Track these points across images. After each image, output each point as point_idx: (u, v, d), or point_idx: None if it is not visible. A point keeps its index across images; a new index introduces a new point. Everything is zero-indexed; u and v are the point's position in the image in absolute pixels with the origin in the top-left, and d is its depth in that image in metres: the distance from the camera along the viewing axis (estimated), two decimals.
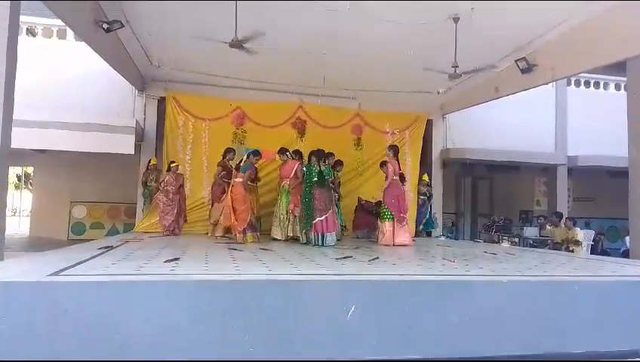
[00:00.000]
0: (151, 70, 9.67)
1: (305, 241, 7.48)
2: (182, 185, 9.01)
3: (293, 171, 8.16)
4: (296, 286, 3.58)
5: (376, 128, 11.22)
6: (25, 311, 3.03)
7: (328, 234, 7.30)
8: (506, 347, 3.62)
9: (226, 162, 8.72)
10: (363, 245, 7.65)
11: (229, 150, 8.87)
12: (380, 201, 8.38)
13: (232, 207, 7.58)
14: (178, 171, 9.00)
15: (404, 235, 7.83)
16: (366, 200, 9.84)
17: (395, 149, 8.31)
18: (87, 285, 3.30)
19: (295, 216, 8.00)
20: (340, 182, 9.44)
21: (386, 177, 8.04)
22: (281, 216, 8.21)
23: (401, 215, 7.85)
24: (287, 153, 8.64)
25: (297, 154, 8.70)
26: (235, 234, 7.55)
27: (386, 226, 7.85)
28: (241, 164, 7.87)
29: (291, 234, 8.08)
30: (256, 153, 8.17)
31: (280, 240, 8.13)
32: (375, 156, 10.77)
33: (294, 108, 10.77)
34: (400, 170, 8.21)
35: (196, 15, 7.05)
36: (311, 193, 7.50)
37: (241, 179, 7.69)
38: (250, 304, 3.32)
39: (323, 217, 7.32)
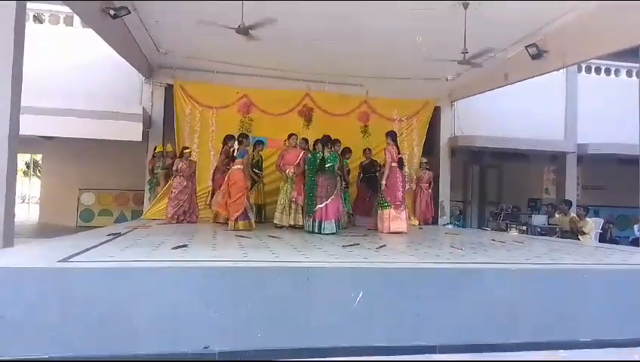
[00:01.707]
0: (158, 57, 9.65)
1: (307, 228, 7.42)
2: (194, 172, 9.01)
3: (298, 159, 8.12)
4: (304, 273, 3.58)
5: (383, 115, 11.17)
6: (35, 296, 3.06)
7: (326, 221, 7.20)
8: (514, 334, 3.62)
9: (229, 149, 8.67)
10: (370, 233, 7.65)
11: (229, 137, 8.76)
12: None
13: (228, 193, 7.48)
14: (191, 158, 9.01)
15: (400, 223, 7.74)
16: (365, 161, 9.86)
17: (392, 135, 8.22)
18: (96, 271, 3.32)
19: (298, 205, 7.98)
20: (349, 169, 9.40)
21: (385, 164, 7.99)
22: (285, 203, 8.19)
23: (398, 202, 7.78)
24: (296, 139, 8.55)
25: (304, 141, 8.65)
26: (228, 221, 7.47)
27: (385, 214, 7.81)
28: (235, 153, 7.75)
29: (293, 223, 8.04)
30: (245, 136, 8.08)
31: (283, 226, 8.10)
32: (382, 144, 10.64)
33: (301, 96, 10.72)
34: (399, 154, 8.11)
35: (203, 2, 7.00)
36: (313, 180, 7.46)
37: (240, 166, 7.53)
38: (258, 290, 3.33)
39: (323, 204, 7.25)
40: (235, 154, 7.73)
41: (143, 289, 3.21)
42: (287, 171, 8.17)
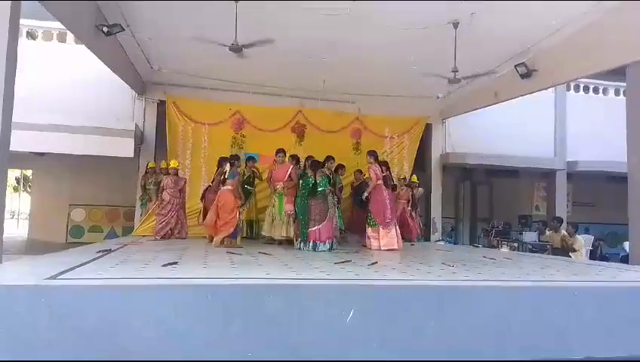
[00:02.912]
0: (151, 74, 9.68)
1: (299, 247, 7.39)
2: (182, 189, 8.98)
3: (288, 173, 8.08)
4: (296, 290, 3.57)
5: (375, 132, 11.26)
6: (23, 314, 3.01)
7: (321, 243, 7.24)
8: (505, 352, 3.61)
9: (222, 171, 8.58)
10: (362, 249, 7.64)
11: (224, 159, 8.58)
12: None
13: (218, 214, 7.45)
14: (177, 175, 8.99)
15: (391, 240, 7.70)
16: (355, 183, 9.96)
17: (374, 155, 8.21)
18: (86, 288, 3.28)
19: (290, 218, 7.97)
20: (342, 186, 9.42)
21: (370, 183, 7.98)
22: (275, 217, 8.14)
23: (387, 220, 7.74)
24: (284, 156, 8.45)
25: (294, 158, 8.66)
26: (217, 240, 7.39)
27: (371, 232, 7.81)
28: (227, 175, 7.67)
29: (285, 235, 8.00)
30: (237, 158, 8.18)
31: (273, 240, 8.08)
32: None
33: (294, 113, 10.79)
34: (383, 173, 8.06)
35: (196, 19, 7.06)
36: (306, 203, 7.45)
37: (230, 187, 7.53)
38: (249, 308, 3.30)
39: (316, 228, 7.29)
40: (226, 176, 7.70)
41: (132, 307, 3.17)
42: (277, 187, 8.16)
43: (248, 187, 9.03)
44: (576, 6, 6.64)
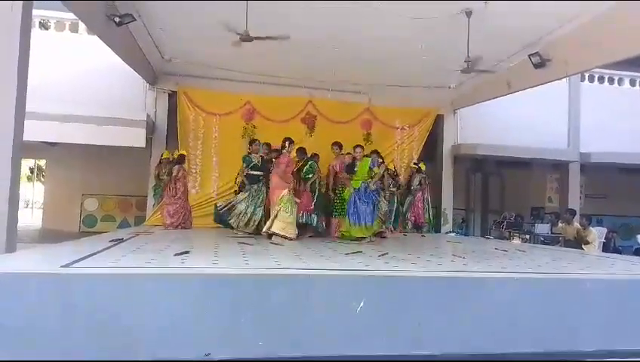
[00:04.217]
0: (162, 64, 9.70)
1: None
2: (185, 178, 9.17)
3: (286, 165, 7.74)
4: (306, 280, 3.58)
5: (386, 123, 11.21)
6: (37, 301, 3.06)
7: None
8: (516, 344, 3.60)
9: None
10: (373, 240, 7.63)
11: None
12: None
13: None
14: (184, 164, 9.13)
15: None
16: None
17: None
18: (98, 277, 3.32)
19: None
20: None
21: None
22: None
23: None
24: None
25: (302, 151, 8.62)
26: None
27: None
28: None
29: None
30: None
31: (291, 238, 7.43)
32: (385, 151, 10.75)
33: (304, 103, 10.76)
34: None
35: (207, 9, 7.04)
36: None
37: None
38: (259, 298, 3.32)
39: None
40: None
41: (144, 296, 3.20)
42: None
43: (255, 173, 8.25)
44: None
